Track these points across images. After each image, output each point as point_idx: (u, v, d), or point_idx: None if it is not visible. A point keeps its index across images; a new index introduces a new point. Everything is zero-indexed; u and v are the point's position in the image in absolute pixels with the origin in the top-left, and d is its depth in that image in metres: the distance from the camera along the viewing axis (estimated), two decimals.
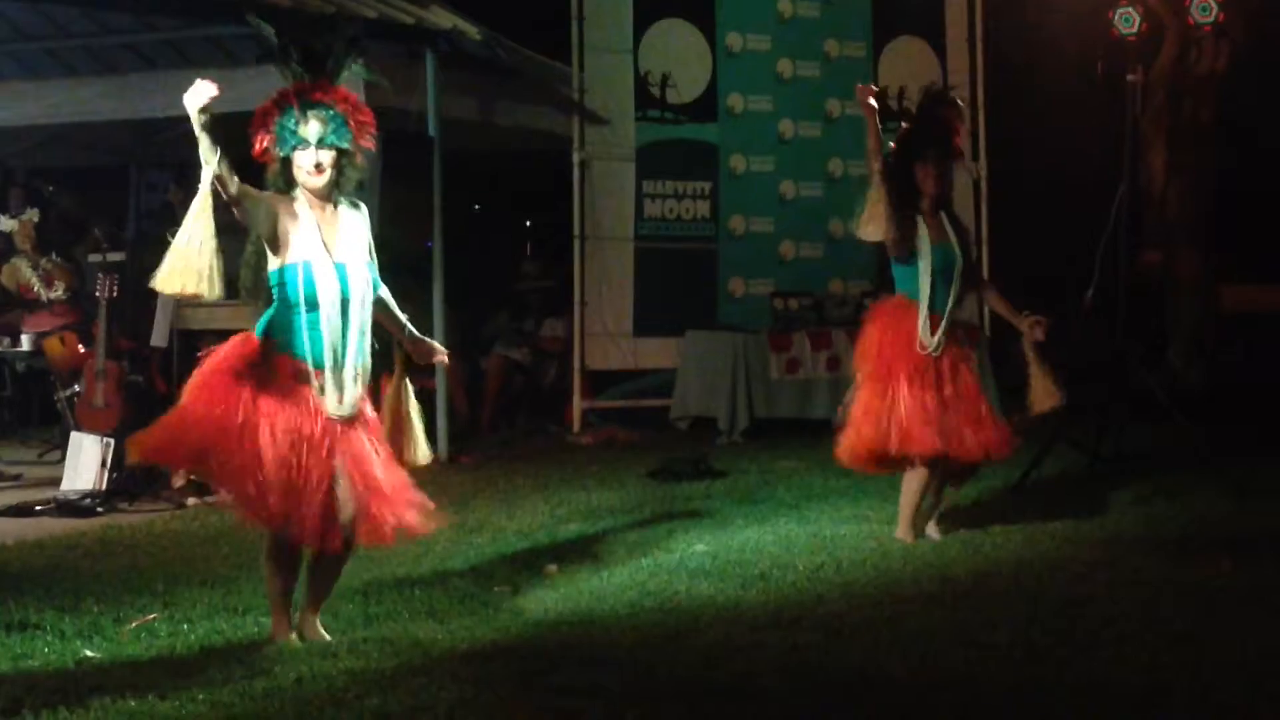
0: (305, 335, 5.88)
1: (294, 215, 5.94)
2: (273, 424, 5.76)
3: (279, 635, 6.06)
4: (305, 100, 5.95)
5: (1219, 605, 6.61)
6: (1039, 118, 14.79)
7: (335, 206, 6.04)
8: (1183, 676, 5.56)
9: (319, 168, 5.94)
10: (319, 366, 5.89)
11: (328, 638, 6.12)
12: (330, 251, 5.95)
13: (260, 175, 6.04)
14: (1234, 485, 9.49)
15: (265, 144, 5.94)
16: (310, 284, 5.89)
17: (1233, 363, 14.16)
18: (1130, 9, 10.91)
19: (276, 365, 5.87)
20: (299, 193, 5.96)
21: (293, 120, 5.93)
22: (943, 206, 8.21)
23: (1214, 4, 11.19)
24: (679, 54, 13.42)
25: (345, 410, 5.92)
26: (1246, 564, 7.38)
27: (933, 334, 8.00)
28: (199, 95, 5.66)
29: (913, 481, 8.13)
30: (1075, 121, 14.05)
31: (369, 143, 6.09)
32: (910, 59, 13.94)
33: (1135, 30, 10.92)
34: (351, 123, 6.00)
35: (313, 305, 5.89)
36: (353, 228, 6.09)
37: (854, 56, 13.79)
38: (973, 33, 14.25)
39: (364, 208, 6.17)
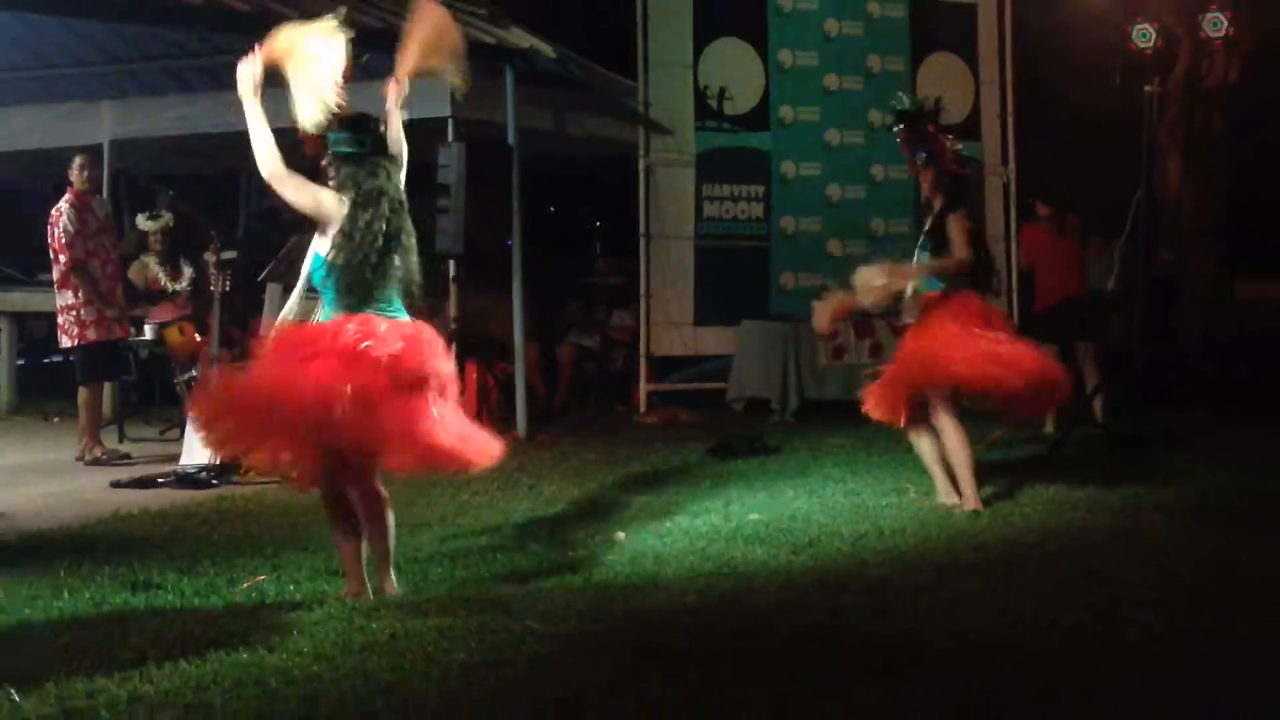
0: None
1: None
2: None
3: (360, 593, 6.11)
4: None
5: (1232, 573, 6.56)
6: (1063, 126, 14.70)
7: None
8: (1198, 641, 5.51)
9: None
10: None
11: (398, 590, 6.20)
12: None
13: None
14: (1246, 461, 9.42)
15: None
16: None
17: (1243, 351, 14.02)
18: (1146, 25, 10.84)
19: None
20: None
21: None
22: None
23: (1224, 19, 11.11)
24: (735, 69, 13.41)
25: None
26: (1257, 533, 7.33)
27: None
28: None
29: (961, 445, 8.17)
30: (1096, 130, 13.95)
31: None
32: (945, 72, 13.88)
33: (1151, 44, 10.85)
34: None
35: None
36: None
37: (894, 71, 13.72)
38: (1002, 49, 14.19)
39: None
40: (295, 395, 5.75)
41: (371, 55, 6.53)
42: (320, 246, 6.10)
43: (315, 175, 6.21)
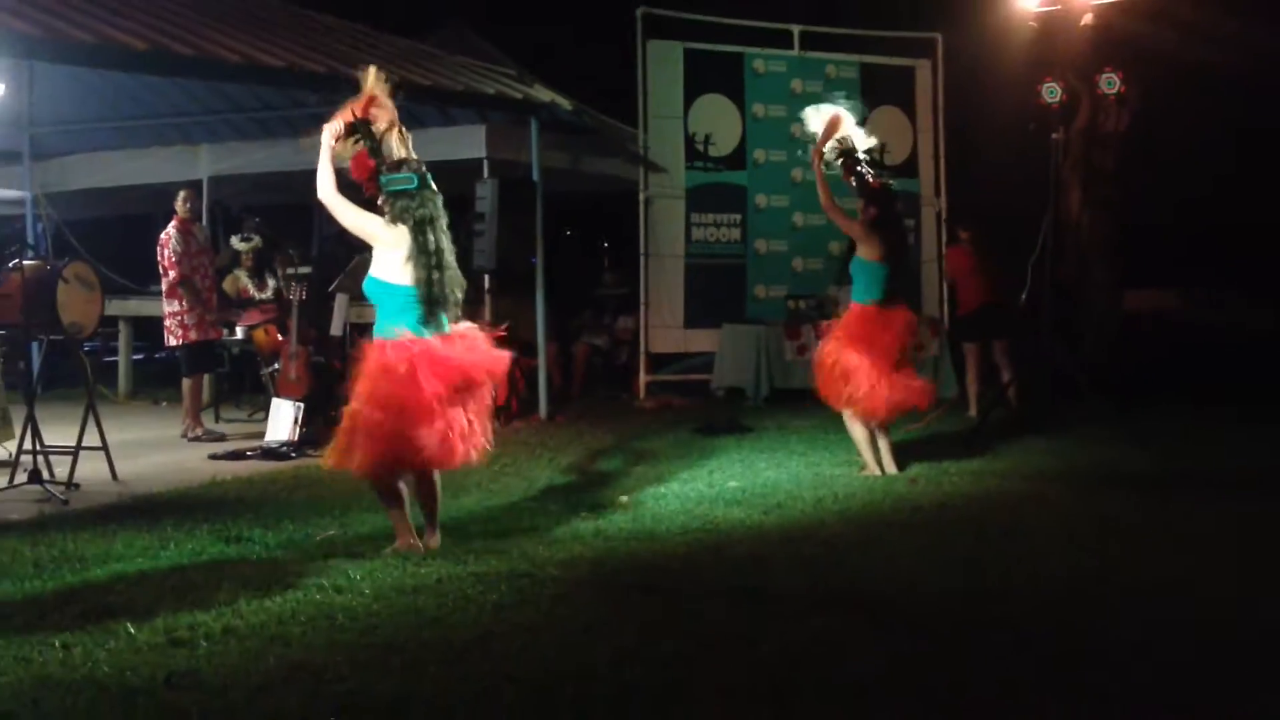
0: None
1: None
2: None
3: (412, 546, 6.10)
4: None
5: (1119, 530, 6.56)
6: (986, 165, 14.68)
7: None
8: (1091, 583, 5.53)
9: None
10: None
11: (439, 544, 6.19)
12: None
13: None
14: (1132, 440, 9.42)
15: None
16: None
17: (1130, 349, 14.02)
18: (1054, 83, 10.82)
19: None
20: None
21: None
22: None
23: (1117, 78, 11.08)
24: (717, 120, 13.39)
25: None
26: (1142, 498, 7.33)
27: None
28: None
29: (853, 427, 8.32)
30: (1013, 168, 13.93)
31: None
32: (889, 123, 13.80)
33: (1058, 99, 10.84)
34: None
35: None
36: None
37: None
38: (935, 103, 14.16)
39: None
40: (409, 426, 5.80)
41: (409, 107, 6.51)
42: (376, 270, 6.08)
43: (374, 211, 6.21)
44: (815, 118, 8.49)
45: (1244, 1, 13.82)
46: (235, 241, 12.25)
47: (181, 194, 10.54)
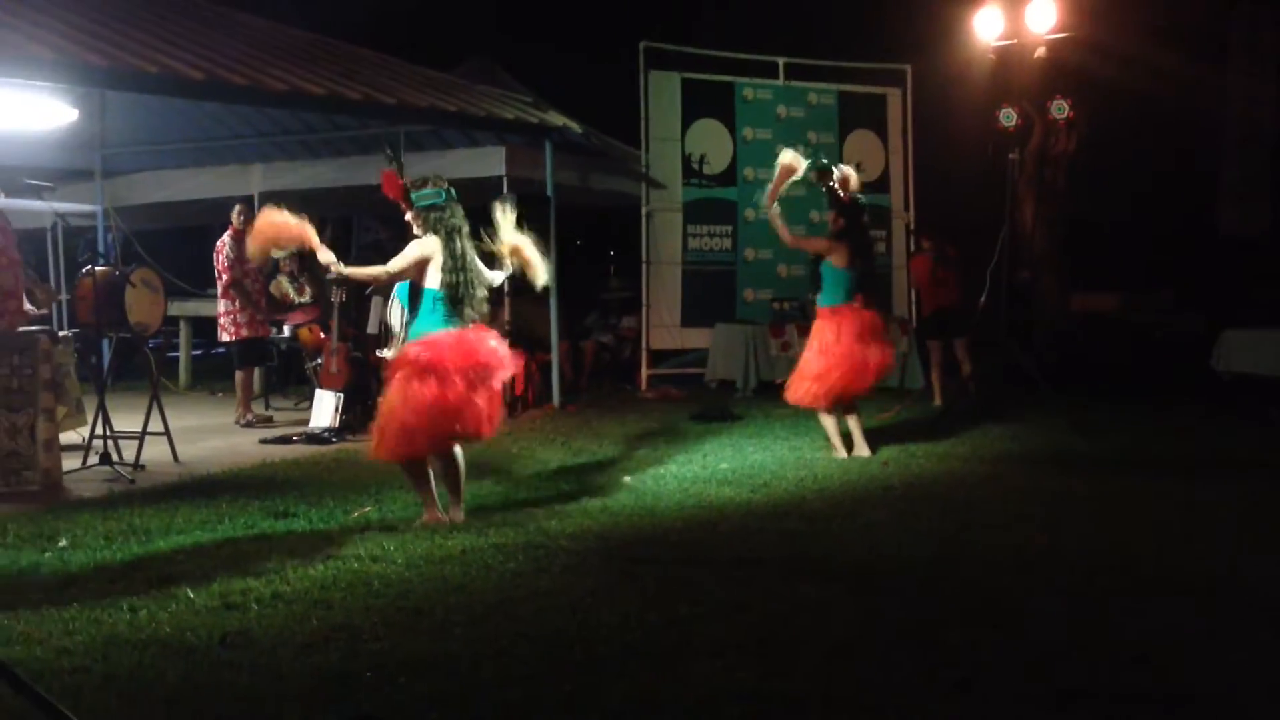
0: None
1: None
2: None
3: (439, 520, 6.09)
4: None
5: (1069, 506, 6.57)
6: (950, 182, 14.66)
7: None
8: (1042, 551, 5.54)
9: None
10: None
11: (463, 518, 6.18)
12: None
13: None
14: (1079, 427, 9.41)
15: None
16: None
17: (1076, 346, 14.01)
18: (1010, 109, 10.82)
19: None
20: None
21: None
22: None
23: (1066, 105, 11.09)
24: (711, 142, 13.37)
25: None
26: (1087, 477, 7.33)
27: None
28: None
29: (823, 419, 8.34)
30: (974, 185, 13.91)
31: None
32: (864, 144, 13.82)
33: (1013, 124, 10.85)
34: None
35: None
36: None
37: (827, 143, 13.62)
38: (905, 127, 14.14)
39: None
40: (438, 415, 5.83)
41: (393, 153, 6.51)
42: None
43: (405, 225, 6.21)
44: (783, 158, 8.41)
45: (1181, 38, 13.82)
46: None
47: (236, 207, 10.55)
